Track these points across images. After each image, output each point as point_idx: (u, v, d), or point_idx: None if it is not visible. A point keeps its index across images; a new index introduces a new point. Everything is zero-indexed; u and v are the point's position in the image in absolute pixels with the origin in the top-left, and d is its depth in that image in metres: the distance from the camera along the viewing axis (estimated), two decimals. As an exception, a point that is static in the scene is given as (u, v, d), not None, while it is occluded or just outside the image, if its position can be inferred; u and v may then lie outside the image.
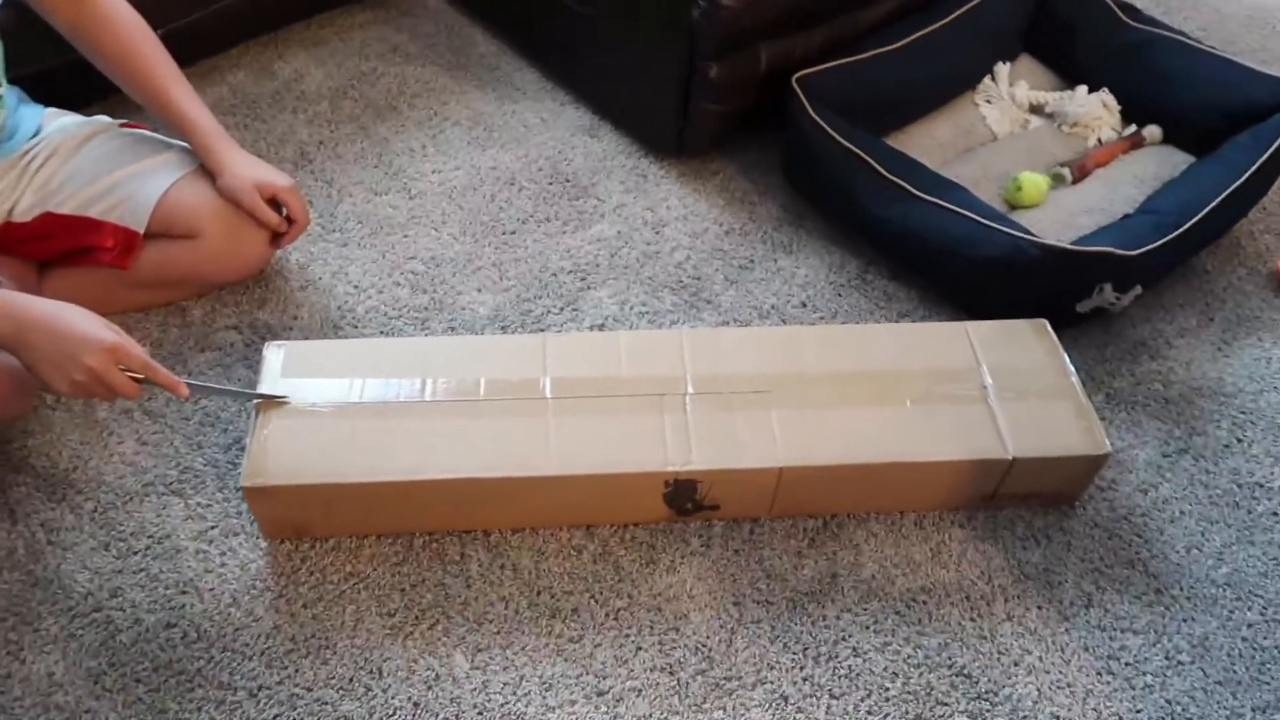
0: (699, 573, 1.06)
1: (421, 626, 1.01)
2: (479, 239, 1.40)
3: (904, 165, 1.36)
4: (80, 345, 0.91)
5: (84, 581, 1.03)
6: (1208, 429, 1.22)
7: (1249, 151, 1.36)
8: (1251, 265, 1.42)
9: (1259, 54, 1.78)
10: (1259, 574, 1.08)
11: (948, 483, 1.08)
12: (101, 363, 0.91)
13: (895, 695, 0.98)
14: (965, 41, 1.55)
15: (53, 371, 0.92)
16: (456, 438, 1.04)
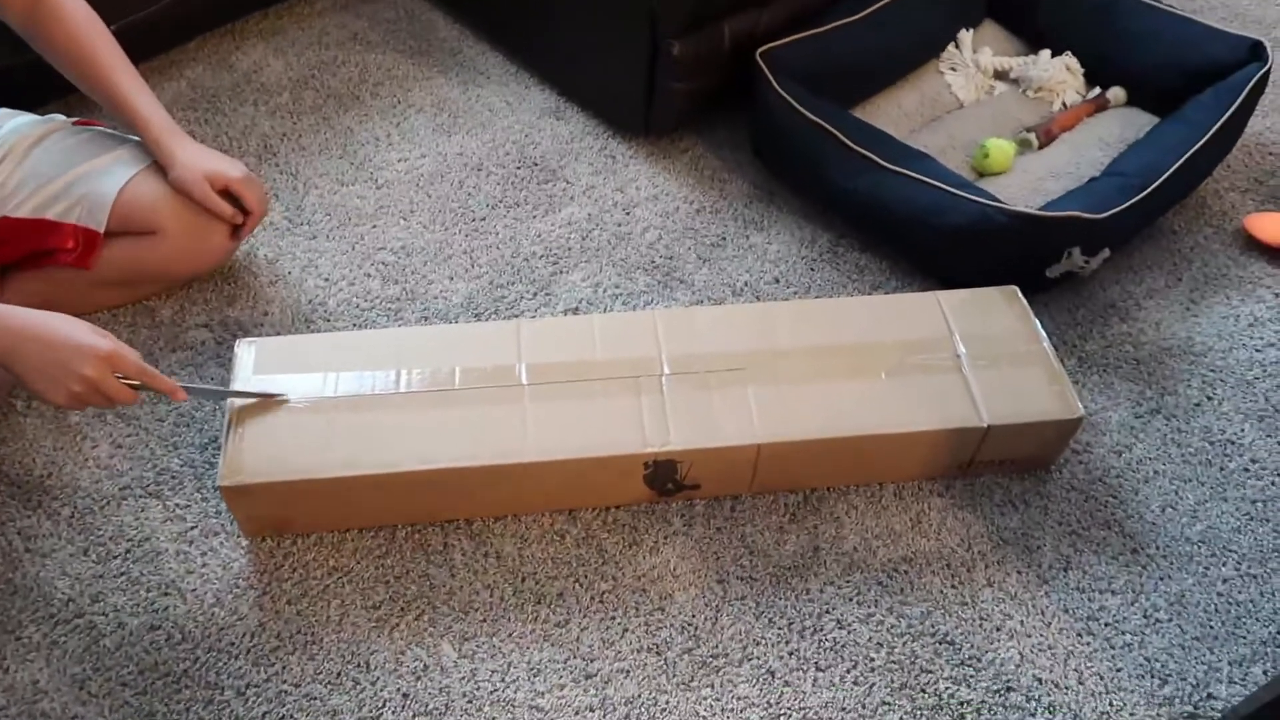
0: (682, 552, 1.07)
1: (407, 618, 1.01)
2: (449, 227, 1.39)
3: (871, 136, 1.36)
4: (75, 355, 0.89)
5: (64, 588, 1.02)
6: (1178, 388, 1.23)
7: (1211, 110, 1.37)
8: (1217, 224, 1.43)
9: (1218, 11, 1.79)
10: (1232, 530, 1.10)
11: (925, 453, 1.09)
12: (98, 371, 0.90)
13: (880, 665, 0.99)
14: (928, 9, 1.54)
15: (48, 384, 0.90)
16: (434, 428, 1.04)
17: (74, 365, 0.89)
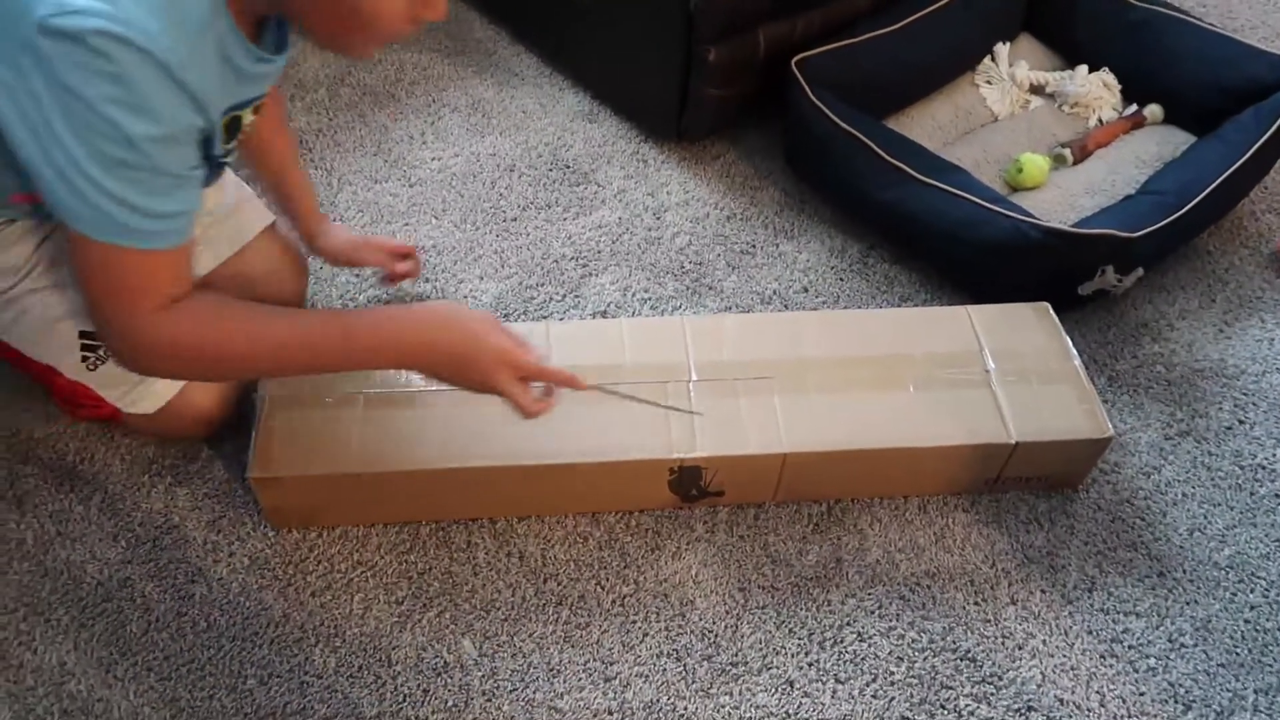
0: (704, 559, 1.07)
1: (429, 614, 1.02)
2: (480, 226, 1.40)
3: (904, 148, 1.35)
4: (490, 369, 0.86)
5: (94, 572, 1.03)
6: (1210, 411, 1.22)
7: (1250, 130, 1.36)
8: (1253, 245, 1.42)
9: (1259, 30, 1.78)
10: (1261, 556, 1.09)
11: (951, 467, 1.09)
12: (509, 383, 0.87)
13: (900, 679, 0.99)
14: (964, 22, 1.54)
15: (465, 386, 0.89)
16: (461, 426, 1.04)
17: (491, 380, 0.86)
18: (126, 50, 0.64)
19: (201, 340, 0.81)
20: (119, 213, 0.71)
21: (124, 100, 0.66)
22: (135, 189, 0.71)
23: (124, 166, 0.69)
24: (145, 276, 0.76)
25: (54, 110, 0.66)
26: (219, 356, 0.83)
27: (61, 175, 0.69)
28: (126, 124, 0.67)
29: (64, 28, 0.62)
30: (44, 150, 0.69)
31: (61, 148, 0.68)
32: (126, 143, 0.68)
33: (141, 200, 0.72)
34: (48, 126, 0.67)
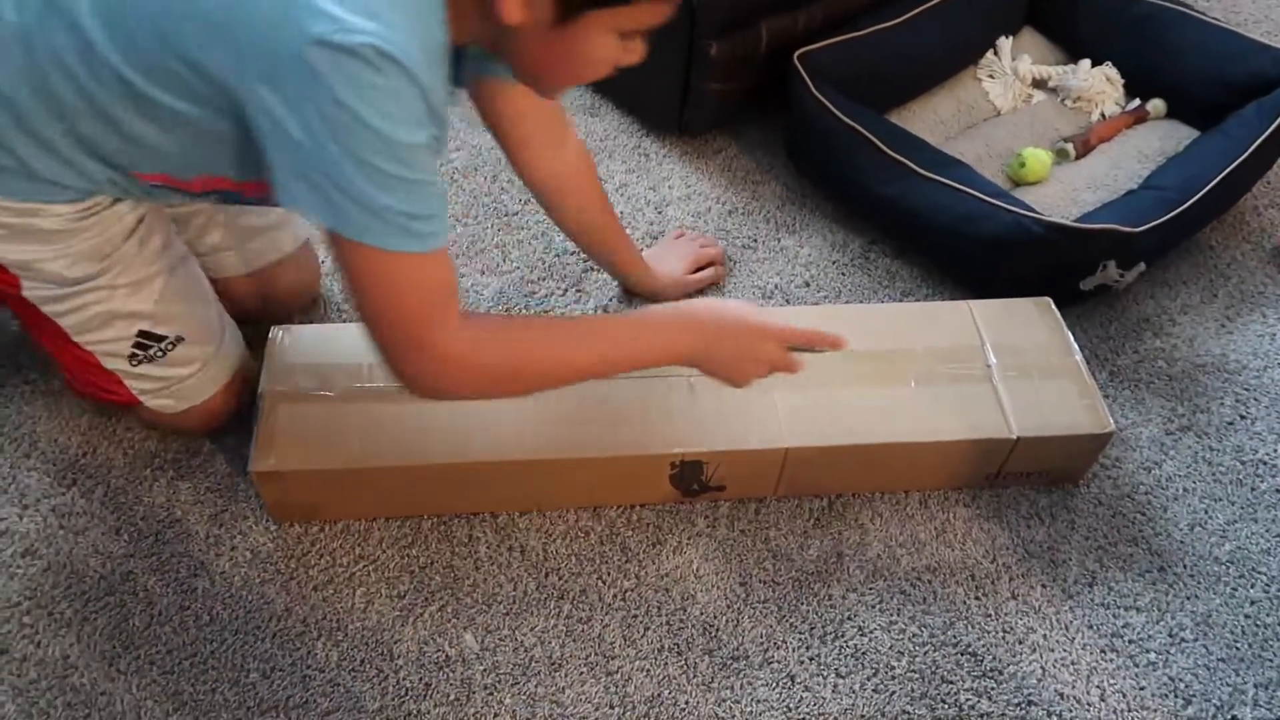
0: (705, 553, 1.07)
1: (431, 608, 1.02)
2: (481, 221, 1.40)
3: (906, 142, 1.35)
4: (759, 341, 0.94)
5: (96, 566, 1.03)
6: (1211, 406, 1.22)
7: (1253, 126, 1.36)
8: (1255, 241, 1.42)
9: (1263, 24, 1.77)
10: (1262, 551, 1.09)
11: (952, 462, 1.09)
12: (779, 351, 0.95)
13: (901, 674, 0.99)
14: (967, 16, 1.53)
15: (735, 374, 0.95)
16: (462, 421, 1.04)
17: (761, 352, 0.94)
18: (393, 66, 0.67)
19: (508, 349, 0.84)
20: (398, 218, 0.72)
21: (390, 111, 0.69)
22: (402, 194, 0.72)
23: (387, 174, 0.71)
24: (438, 281, 0.78)
25: (320, 124, 0.68)
26: (520, 367, 0.86)
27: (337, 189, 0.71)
28: (393, 132, 0.69)
29: (340, 43, 0.65)
30: (313, 169, 0.71)
31: (331, 162, 0.69)
32: (392, 149, 0.70)
33: (409, 205, 0.73)
34: (316, 144, 0.69)
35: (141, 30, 0.74)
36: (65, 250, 0.93)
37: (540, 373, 0.88)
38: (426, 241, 0.75)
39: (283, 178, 0.73)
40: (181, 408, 1.07)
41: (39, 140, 0.84)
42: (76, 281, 0.95)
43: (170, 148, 0.84)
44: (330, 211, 0.72)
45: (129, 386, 1.04)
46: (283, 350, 1.09)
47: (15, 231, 0.91)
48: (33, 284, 0.95)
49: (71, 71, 0.78)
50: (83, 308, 0.97)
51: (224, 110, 0.76)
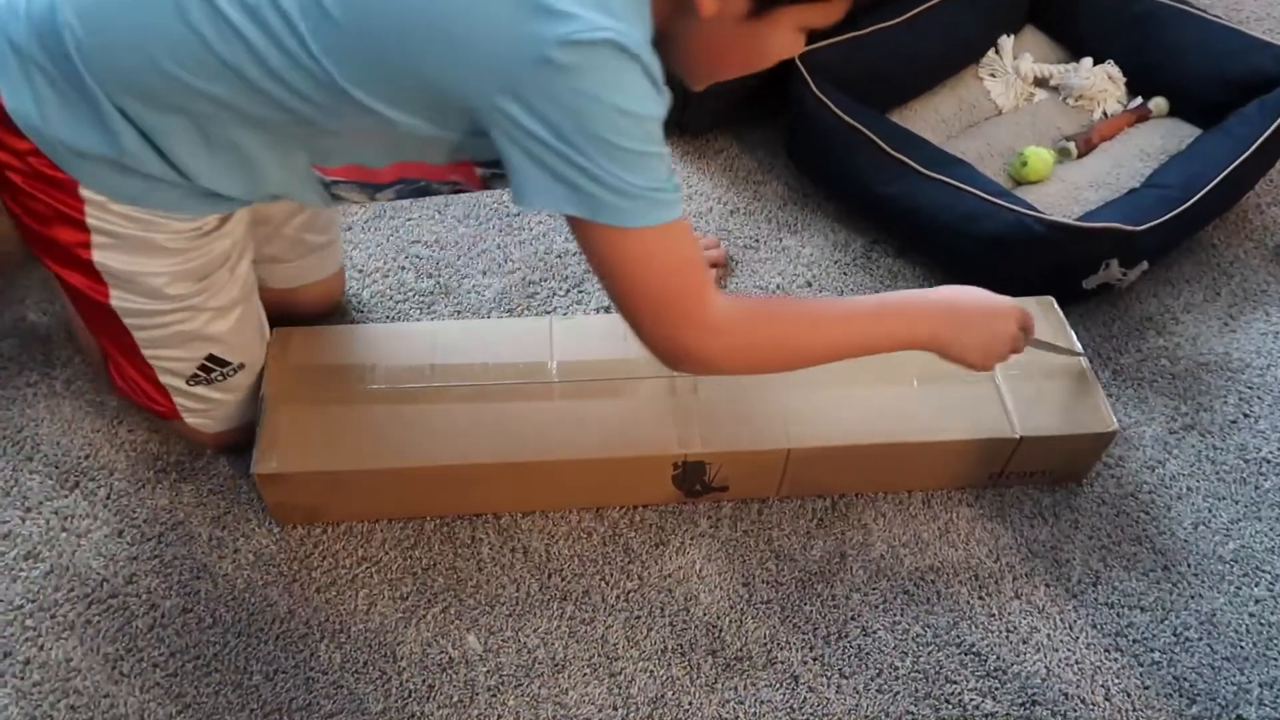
0: (708, 554, 1.07)
1: (434, 610, 1.02)
2: (483, 221, 1.40)
3: (908, 142, 1.35)
4: (1005, 322, 0.96)
5: (99, 568, 1.03)
6: (1215, 404, 1.22)
7: (1255, 124, 1.36)
8: (1258, 239, 1.41)
9: (1264, 22, 1.77)
10: (1266, 550, 1.09)
11: (955, 462, 1.09)
12: (1016, 330, 0.96)
13: (905, 674, 0.99)
14: (968, 14, 1.53)
15: (983, 356, 0.95)
16: (465, 422, 1.04)
17: (1004, 332, 0.96)
18: (632, 59, 0.71)
19: (772, 326, 0.87)
20: (646, 193, 0.74)
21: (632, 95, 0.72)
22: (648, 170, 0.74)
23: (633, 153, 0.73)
24: (689, 251, 0.80)
25: (567, 119, 0.71)
26: (784, 344, 0.88)
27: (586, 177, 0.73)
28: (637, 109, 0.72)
29: (585, 39, 0.68)
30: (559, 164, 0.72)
31: (578, 153, 0.72)
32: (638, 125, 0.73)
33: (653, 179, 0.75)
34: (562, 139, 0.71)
35: (363, 52, 0.75)
36: (172, 267, 0.94)
37: (799, 350, 0.90)
38: (673, 209, 0.77)
39: (526, 179, 0.74)
40: (216, 429, 1.09)
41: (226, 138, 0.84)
42: (171, 299, 0.96)
43: (378, 142, 0.85)
44: (580, 202, 0.74)
45: (176, 402, 1.05)
46: (285, 352, 1.09)
47: (129, 243, 0.91)
48: (125, 295, 0.95)
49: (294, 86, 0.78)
50: (165, 325, 0.98)
51: (452, 122, 0.78)
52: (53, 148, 0.84)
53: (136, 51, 0.79)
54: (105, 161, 0.85)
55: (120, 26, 0.79)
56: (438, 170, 0.90)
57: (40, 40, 0.80)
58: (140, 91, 0.81)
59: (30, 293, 1.26)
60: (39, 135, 0.83)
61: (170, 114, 0.82)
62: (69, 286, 0.96)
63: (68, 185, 0.87)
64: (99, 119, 0.82)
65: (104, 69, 0.80)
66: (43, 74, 0.81)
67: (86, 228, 0.90)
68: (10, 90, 0.82)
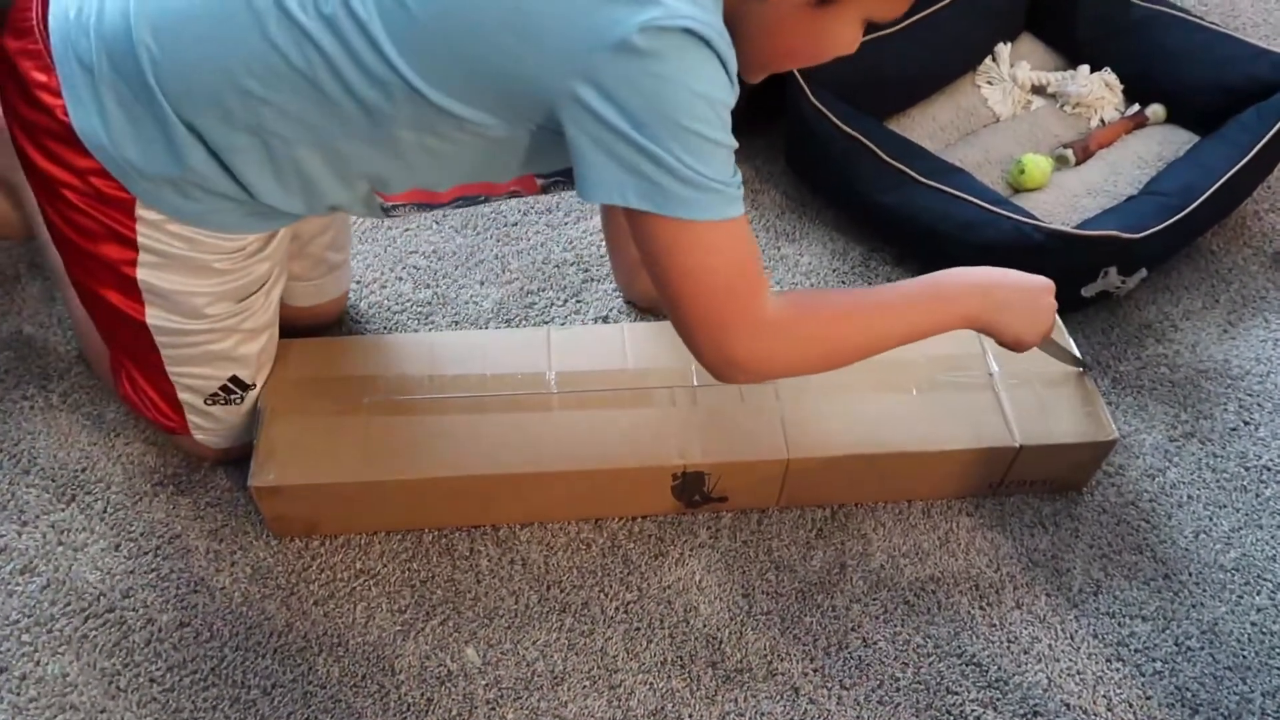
0: (708, 564, 1.06)
1: (433, 622, 1.01)
2: (481, 231, 1.39)
3: (905, 150, 1.35)
4: (1044, 295, 0.96)
5: (95, 582, 1.03)
6: (1215, 412, 1.22)
7: (1253, 130, 1.36)
8: (1257, 245, 1.41)
9: (1261, 28, 1.77)
10: (1267, 558, 1.09)
11: (955, 471, 1.08)
12: (1052, 305, 0.97)
13: (906, 685, 0.98)
14: (966, 22, 1.53)
15: (1029, 329, 0.96)
16: (463, 434, 1.04)
17: (1045, 304, 0.96)
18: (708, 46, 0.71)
19: (826, 321, 0.87)
20: (715, 185, 0.75)
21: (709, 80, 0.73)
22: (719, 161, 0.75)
23: (707, 140, 0.73)
24: (750, 247, 0.81)
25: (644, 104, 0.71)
26: (842, 339, 0.88)
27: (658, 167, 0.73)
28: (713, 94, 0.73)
29: (666, 26, 0.69)
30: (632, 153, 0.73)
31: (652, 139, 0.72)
32: (714, 110, 0.73)
33: (723, 171, 0.76)
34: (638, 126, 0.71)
35: (440, 47, 0.75)
36: (215, 288, 0.95)
37: (846, 349, 0.89)
38: (737, 205, 0.77)
39: (595, 171, 0.74)
40: (223, 446, 1.09)
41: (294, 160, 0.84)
42: (208, 319, 0.96)
43: (443, 162, 0.85)
44: (649, 193, 0.74)
45: (189, 420, 1.05)
46: (283, 365, 1.08)
47: (177, 262, 0.92)
48: (163, 314, 0.95)
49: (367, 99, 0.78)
50: (197, 344, 0.98)
51: (523, 116, 0.78)
52: (118, 166, 0.84)
53: (214, 68, 0.79)
54: (168, 181, 0.85)
55: (198, 44, 0.79)
56: (498, 186, 0.91)
57: (111, 58, 0.80)
58: (214, 108, 0.81)
59: (27, 305, 1.26)
60: (105, 154, 0.83)
61: (241, 133, 0.82)
62: (101, 302, 0.95)
63: (125, 204, 0.87)
64: (167, 138, 0.82)
65: (179, 87, 0.80)
66: (113, 92, 0.81)
67: (136, 246, 0.90)
68: (78, 108, 0.82)
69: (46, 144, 0.85)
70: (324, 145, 0.83)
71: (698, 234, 0.76)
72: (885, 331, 0.90)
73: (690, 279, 0.78)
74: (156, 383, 1.02)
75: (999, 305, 0.93)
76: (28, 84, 0.82)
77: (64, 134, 0.83)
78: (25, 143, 0.86)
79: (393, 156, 0.84)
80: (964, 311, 0.92)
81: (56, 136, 0.84)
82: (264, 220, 0.93)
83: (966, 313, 0.93)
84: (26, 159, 0.87)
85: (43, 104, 0.83)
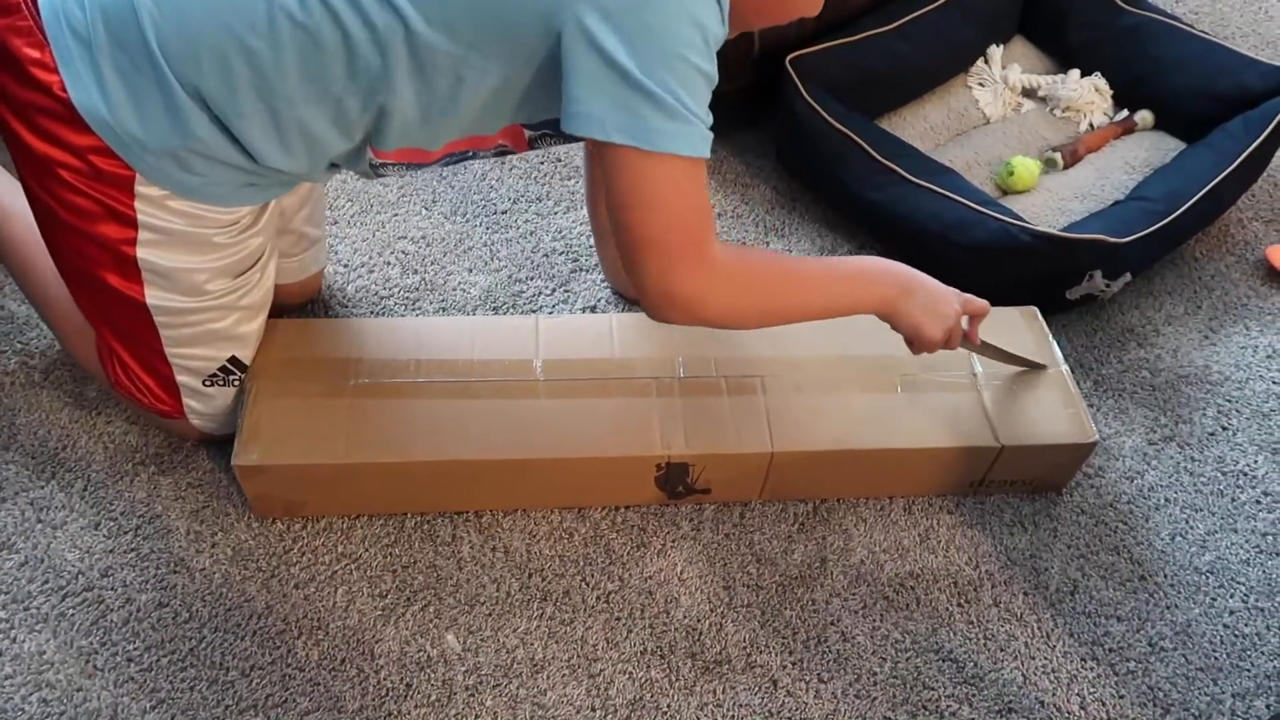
0: (690, 556, 1.07)
1: (413, 608, 1.01)
2: (470, 218, 1.39)
3: (896, 149, 1.36)
4: (944, 303, 0.99)
5: (74, 560, 1.02)
6: (1194, 417, 1.23)
7: (1239, 139, 1.37)
8: (1239, 253, 1.43)
9: (1250, 38, 1.79)
10: (1241, 561, 1.10)
11: (937, 470, 1.09)
12: (957, 316, 1.00)
13: (883, 679, 0.99)
14: (959, 23, 1.54)
15: (925, 330, 0.98)
16: (448, 419, 1.04)
17: (947, 311, 0.99)
18: None
19: (765, 272, 0.89)
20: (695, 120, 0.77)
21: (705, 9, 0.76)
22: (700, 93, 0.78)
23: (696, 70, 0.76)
24: (707, 197, 0.84)
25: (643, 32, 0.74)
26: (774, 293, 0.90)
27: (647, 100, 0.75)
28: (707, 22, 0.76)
29: None
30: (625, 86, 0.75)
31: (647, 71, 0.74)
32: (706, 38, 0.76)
33: (701, 105, 0.78)
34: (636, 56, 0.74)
35: None
36: (214, 263, 0.95)
37: (785, 306, 0.92)
38: (705, 145, 0.79)
39: (586, 104, 0.76)
40: (215, 430, 1.08)
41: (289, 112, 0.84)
42: (209, 294, 0.96)
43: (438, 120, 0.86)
44: (629, 126, 0.76)
45: (185, 404, 1.04)
46: (269, 345, 1.08)
47: (176, 238, 0.91)
48: (162, 293, 0.94)
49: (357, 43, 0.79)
50: (197, 323, 0.98)
51: (522, 52, 0.79)
52: (120, 140, 0.83)
53: (217, 27, 0.79)
54: (170, 153, 0.84)
55: (200, 7, 0.79)
56: (487, 140, 0.92)
57: (109, 26, 0.79)
58: (219, 71, 0.80)
59: (9, 281, 1.24)
60: (106, 129, 0.82)
61: (246, 96, 0.82)
62: (97, 284, 0.94)
63: (125, 181, 0.86)
64: (171, 107, 0.81)
65: (183, 50, 0.79)
66: (112, 63, 0.80)
67: (136, 224, 0.89)
68: (75, 83, 0.80)
69: (41, 123, 0.83)
70: (326, 101, 0.83)
71: (668, 166, 0.78)
72: (810, 300, 0.93)
73: (650, 209, 0.80)
74: (153, 366, 1.01)
75: (906, 300, 0.96)
76: (20, 61, 0.81)
77: (62, 111, 0.82)
78: (17, 125, 0.84)
79: (389, 114, 0.84)
80: (880, 295, 0.96)
81: (53, 115, 0.82)
82: (259, 190, 0.93)
83: (883, 296, 0.96)
84: (19, 142, 0.85)
85: (38, 81, 0.81)
